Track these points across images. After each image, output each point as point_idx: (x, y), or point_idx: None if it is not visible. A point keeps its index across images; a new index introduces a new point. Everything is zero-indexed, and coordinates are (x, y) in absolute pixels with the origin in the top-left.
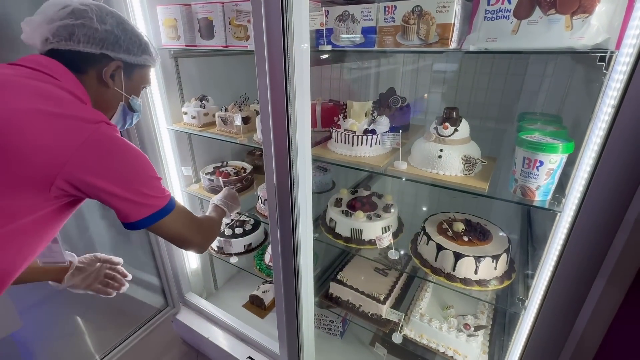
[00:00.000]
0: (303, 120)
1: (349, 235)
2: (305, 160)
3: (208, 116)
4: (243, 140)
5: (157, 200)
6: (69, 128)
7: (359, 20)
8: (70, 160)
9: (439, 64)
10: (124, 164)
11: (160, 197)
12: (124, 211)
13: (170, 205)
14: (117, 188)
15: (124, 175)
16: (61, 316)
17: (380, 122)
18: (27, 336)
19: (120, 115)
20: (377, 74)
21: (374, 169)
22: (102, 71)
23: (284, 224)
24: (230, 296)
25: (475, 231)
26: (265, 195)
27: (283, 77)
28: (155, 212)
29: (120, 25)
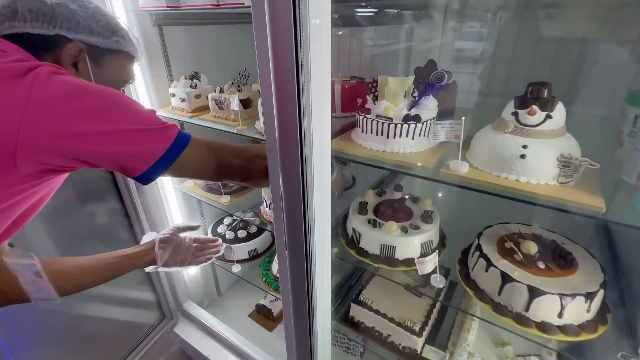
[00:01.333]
0: (321, 103)
1: (377, 253)
2: (323, 159)
3: (201, 98)
4: (242, 129)
5: (164, 130)
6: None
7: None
8: (23, 121)
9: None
10: (102, 101)
11: (166, 125)
12: (130, 160)
13: (183, 133)
14: (107, 124)
15: (108, 113)
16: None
17: (426, 104)
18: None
19: None
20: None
21: (419, 172)
22: (60, 56)
23: (295, 244)
24: (235, 304)
25: (552, 254)
26: (270, 198)
27: (292, 38)
28: (172, 144)
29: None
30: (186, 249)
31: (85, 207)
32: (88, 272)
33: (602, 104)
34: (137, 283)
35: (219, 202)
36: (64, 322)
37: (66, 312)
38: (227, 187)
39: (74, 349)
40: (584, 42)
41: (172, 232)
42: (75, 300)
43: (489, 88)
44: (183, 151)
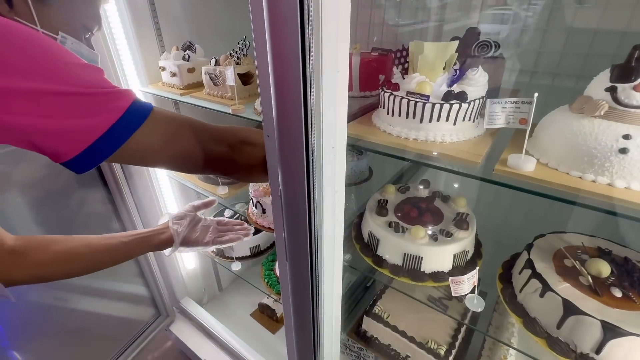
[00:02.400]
0: (336, 76)
1: (399, 263)
2: (335, 147)
3: (195, 73)
4: (238, 109)
5: (110, 96)
6: None
7: None
8: None
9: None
10: (20, 45)
11: (114, 90)
12: (52, 139)
13: (140, 104)
14: (22, 81)
15: (27, 63)
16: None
17: (474, 79)
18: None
19: None
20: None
21: (463, 168)
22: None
23: (296, 254)
24: (236, 301)
25: (630, 277)
26: (258, 196)
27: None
28: (119, 118)
29: None
30: (206, 226)
31: (67, 195)
32: (97, 252)
33: None
34: (130, 275)
35: (216, 193)
36: (58, 315)
37: (60, 305)
38: (224, 178)
39: (68, 343)
40: None
41: (188, 210)
42: (68, 293)
43: (536, 66)
44: (137, 130)
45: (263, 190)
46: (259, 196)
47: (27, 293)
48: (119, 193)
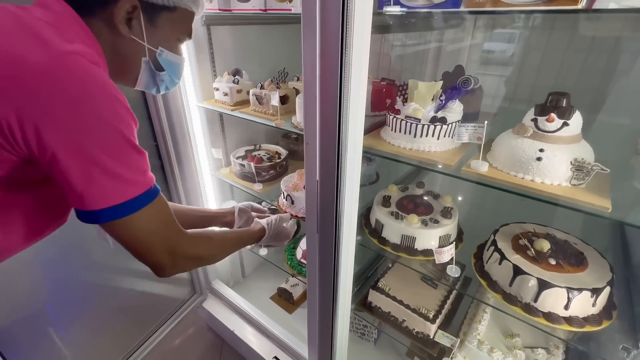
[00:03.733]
0: (357, 102)
1: (398, 242)
2: (355, 153)
3: (242, 93)
4: (280, 123)
5: (134, 181)
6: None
7: None
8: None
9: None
10: (90, 117)
11: (140, 176)
12: (78, 190)
13: (153, 192)
14: (71, 149)
15: (87, 133)
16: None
17: (452, 108)
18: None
19: (147, 76)
20: (438, 48)
21: (442, 169)
22: (113, 12)
23: (325, 228)
24: (258, 286)
25: (564, 252)
26: (288, 190)
27: (339, 47)
28: (130, 199)
29: None
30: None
31: None
32: (230, 243)
33: (625, 114)
34: None
35: (252, 189)
36: (102, 293)
37: (104, 284)
38: (260, 175)
39: (110, 319)
40: (613, 53)
41: (246, 207)
42: (112, 273)
43: (514, 94)
44: (143, 207)
45: (293, 185)
46: (289, 190)
47: (77, 273)
48: (175, 188)
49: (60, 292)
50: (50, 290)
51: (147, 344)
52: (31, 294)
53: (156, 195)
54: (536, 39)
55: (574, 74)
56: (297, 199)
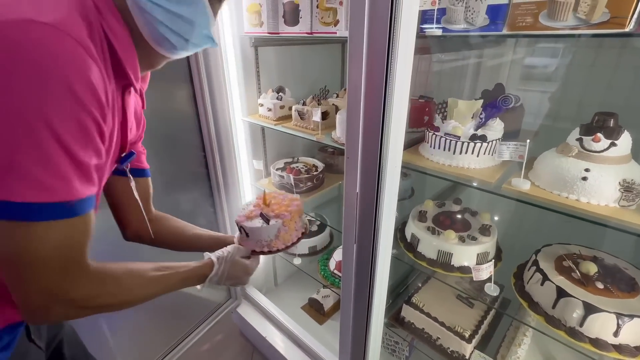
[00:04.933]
0: (399, 119)
1: (434, 257)
2: (394, 167)
3: (284, 109)
4: (321, 138)
5: (47, 185)
6: None
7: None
8: None
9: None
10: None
11: (59, 183)
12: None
13: (70, 209)
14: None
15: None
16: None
17: (493, 126)
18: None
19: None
20: (476, 65)
21: (482, 185)
22: None
23: (363, 240)
24: (289, 295)
25: (613, 277)
26: (241, 221)
27: (384, 69)
28: (28, 202)
29: None
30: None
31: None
32: (126, 287)
33: None
34: None
35: None
36: None
37: None
38: (298, 187)
39: (152, 315)
40: None
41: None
42: None
43: (557, 112)
44: (44, 220)
45: (247, 214)
46: (242, 221)
47: None
48: (219, 196)
49: None
50: None
51: (183, 344)
52: None
53: (74, 214)
54: (582, 55)
55: (622, 92)
56: (252, 231)
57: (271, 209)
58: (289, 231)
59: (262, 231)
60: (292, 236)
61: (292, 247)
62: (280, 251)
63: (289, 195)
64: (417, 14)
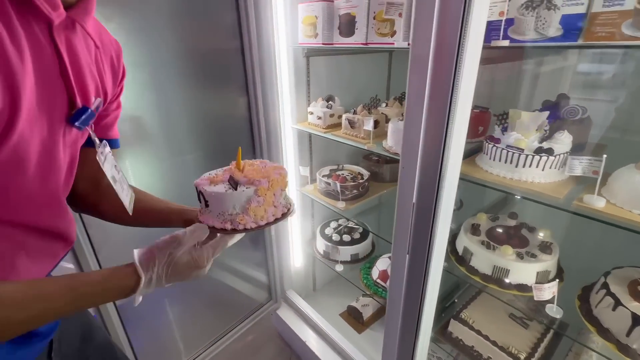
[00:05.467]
0: (460, 130)
1: (488, 273)
2: (453, 179)
3: (333, 117)
4: (371, 146)
5: None
6: None
7: (559, 6)
8: None
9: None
10: None
11: None
12: None
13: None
14: None
15: None
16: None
17: (560, 139)
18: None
19: None
20: (534, 73)
21: (547, 201)
22: None
23: (417, 251)
24: (327, 301)
25: None
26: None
27: (451, 80)
28: None
29: None
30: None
31: None
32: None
33: None
34: (256, 264)
35: (335, 206)
36: (190, 286)
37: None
38: (344, 194)
39: (201, 307)
40: None
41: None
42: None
43: (628, 124)
44: None
45: (210, 178)
46: (204, 184)
47: None
48: None
49: None
50: None
51: (224, 339)
52: None
53: None
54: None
55: None
56: (212, 199)
57: (244, 175)
58: (264, 205)
59: (225, 199)
60: (268, 213)
61: (267, 229)
62: (248, 231)
63: (273, 164)
64: (484, 25)
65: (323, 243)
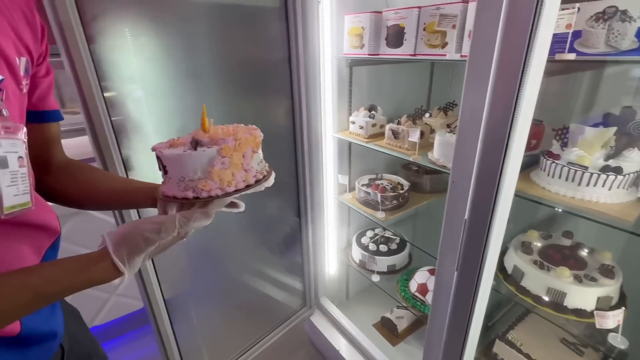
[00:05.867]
0: (519, 146)
1: (542, 295)
2: (508, 195)
3: (375, 127)
4: (417, 158)
5: None
6: None
7: (635, 18)
8: None
9: None
10: None
11: None
12: None
13: None
14: None
15: None
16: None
17: (629, 157)
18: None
19: None
20: (592, 85)
21: (615, 223)
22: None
23: (467, 268)
24: (361, 310)
25: None
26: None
27: (514, 96)
28: None
29: None
30: None
31: (265, 195)
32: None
33: None
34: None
35: (374, 216)
36: (235, 285)
37: (238, 278)
38: (384, 204)
39: (235, 312)
40: None
41: None
42: (247, 270)
43: None
44: None
45: (171, 142)
46: (162, 148)
47: (223, 262)
48: (304, 200)
49: (207, 275)
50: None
51: (257, 346)
52: (190, 274)
53: None
54: None
55: None
56: (170, 162)
57: (209, 136)
58: (231, 167)
59: (183, 161)
60: (237, 178)
61: (238, 197)
62: (214, 199)
63: (245, 126)
64: (550, 38)
65: (359, 252)
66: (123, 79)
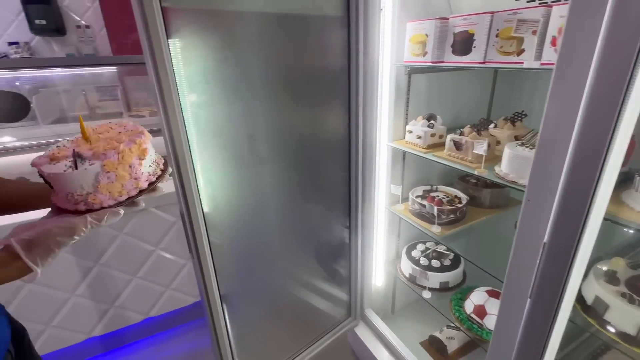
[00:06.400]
0: (614, 165)
1: (630, 332)
2: (598, 218)
3: (434, 137)
4: (482, 172)
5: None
6: None
7: None
8: None
9: None
10: None
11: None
12: None
13: None
14: None
15: None
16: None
17: None
18: None
19: None
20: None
21: None
22: None
23: (543, 296)
24: (407, 326)
25: None
26: (40, 163)
27: (617, 107)
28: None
29: None
30: None
31: (317, 203)
32: None
33: None
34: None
35: (429, 230)
36: (282, 294)
37: (284, 286)
38: (440, 218)
39: (279, 322)
40: None
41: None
42: (293, 280)
43: None
44: None
45: (51, 154)
46: (40, 164)
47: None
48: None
49: (258, 278)
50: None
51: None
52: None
53: None
54: None
55: None
56: (54, 180)
57: (90, 147)
58: (119, 180)
59: (67, 180)
60: (127, 187)
61: (138, 200)
62: (111, 207)
63: (132, 127)
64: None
65: (409, 266)
66: (195, 85)
